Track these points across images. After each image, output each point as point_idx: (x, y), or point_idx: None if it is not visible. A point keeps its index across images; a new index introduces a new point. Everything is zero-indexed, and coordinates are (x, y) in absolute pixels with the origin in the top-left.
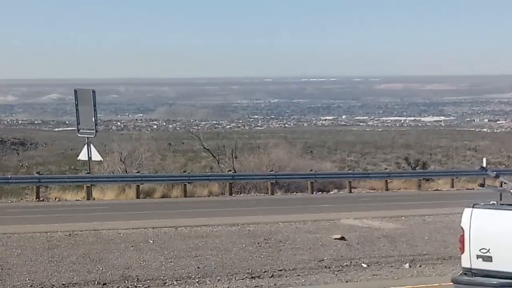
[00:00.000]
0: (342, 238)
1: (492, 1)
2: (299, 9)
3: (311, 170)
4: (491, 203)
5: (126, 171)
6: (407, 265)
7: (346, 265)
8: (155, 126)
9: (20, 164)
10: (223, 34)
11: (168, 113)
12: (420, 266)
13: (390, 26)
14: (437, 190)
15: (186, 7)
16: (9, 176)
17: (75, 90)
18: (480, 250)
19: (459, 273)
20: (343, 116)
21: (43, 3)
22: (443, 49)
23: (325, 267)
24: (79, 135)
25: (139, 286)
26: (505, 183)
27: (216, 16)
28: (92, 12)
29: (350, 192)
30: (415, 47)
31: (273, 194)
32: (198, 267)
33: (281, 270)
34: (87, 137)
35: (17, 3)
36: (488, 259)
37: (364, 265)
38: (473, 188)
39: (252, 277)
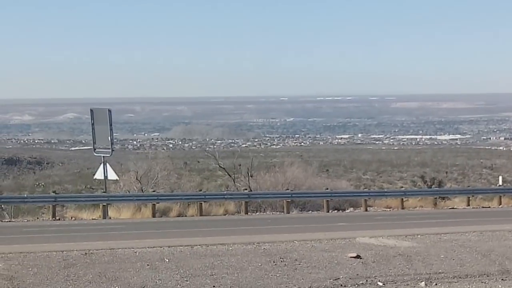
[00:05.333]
0: (358, 257)
1: (508, 19)
2: (315, 27)
3: (327, 189)
4: None
5: (142, 190)
6: (423, 284)
7: (362, 283)
8: (171, 145)
9: (37, 183)
10: (238, 53)
11: (184, 132)
12: (436, 284)
13: (406, 44)
14: (453, 208)
15: (202, 26)
16: (26, 195)
17: (91, 110)
18: None
19: None
20: (359, 135)
21: (60, 24)
22: (459, 67)
23: (341, 285)
24: (95, 154)
25: None
26: None
27: (232, 35)
28: (108, 32)
29: (366, 210)
30: (431, 65)
31: (288, 213)
32: (214, 286)
33: None
34: (103, 156)
35: (33, 23)
36: None
37: (380, 284)
38: (489, 207)
39: None
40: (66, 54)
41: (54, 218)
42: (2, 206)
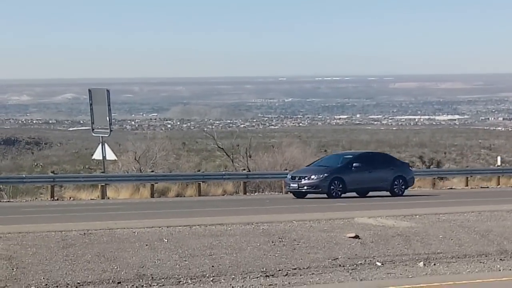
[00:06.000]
0: (356, 237)
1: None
2: (313, 7)
3: None
4: None
5: (141, 170)
6: (421, 264)
7: (360, 263)
8: (169, 126)
9: (35, 164)
10: (236, 33)
11: (183, 112)
12: (434, 264)
13: (404, 24)
14: (451, 188)
15: (200, 6)
16: (24, 176)
17: (89, 90)
18: None
19: None
20: (357, 115)
21: (57, 3)
22: (457, 48)
23: (339, 265)
24: (93, 134)
25: (154, 285)
26: None
27: (229, 15)
28: (106, 12)
29: None
30: (429, 45)
31: (287, 193)
32: (213, 266)
33: (295, 269)
34: (102, 137)
35: (32, 2)
36: None
37: (379, 264)
38: (488, 187)
39: (266, 276)
40: (64, 34)
41: (52, 198)
42: (1, 186)
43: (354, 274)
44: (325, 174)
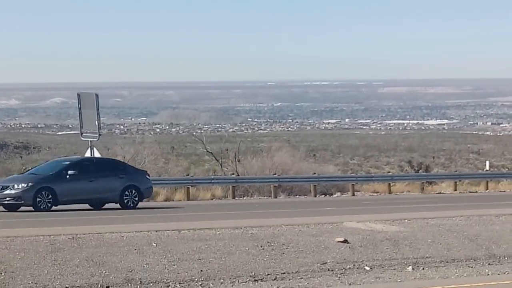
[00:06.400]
0: (345, 241)
1: (496, 4)
2: (302, 11)
3: (314, 173)
4: None
5: None
6: (410, 268)
7: (349, 268)
8: (158, 130)
9: (24, 168)
10: (225, 37)
11: (171, 116)
12: (423, 269)
13: (393, 29)
14: (440, 193)
15: (189, 10)
16: None
17: (78, 94)
18: None
19: None
20: (346, 120)
21: (46, 7)
22: (446, 53)
23: (328, 270)
24: (82, 138)
25: None
26: None
27: (218, 19)
28: (95, 15)
29: (353, 195)
30: (418, 50)
31: (276, 197)
32: (201, 270)
33: (284, 273)
34: (90, 141)
35: (20, 6)
36: None
37: (367, 268)
38: (476, 191)
39: (255, 280)
40: (53, 38)
41: None
42: None
43: (343, 278)
44: (30, 184)
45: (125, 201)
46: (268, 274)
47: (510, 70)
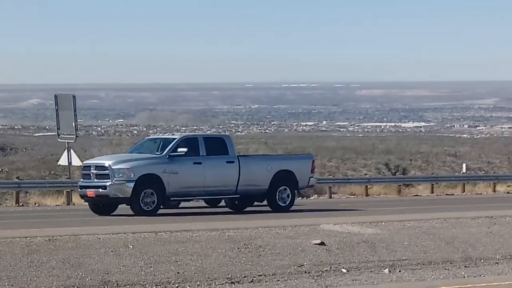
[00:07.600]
0: (322, 244)
1: (471, 8)
2: (279, 14)
3: None
4: None
5: None
6: (386, 270)
7: (326, 270)
8: (135, 132)
9: (0, 169)
10: (203, 39)
11: (149, 118)
12: (399, 271)
13: (370, 31)
14: (417, 195)
15: (167, 13)
16: None
17: (55, 95)
18: None
19: None
20: (324, 122)
21: (23, 8)
22: (423, 55)
23: (305, 272)
24: (59, 140)
25: None
26: None
27: (195, 22)
28: (72, 17)
29: (330, 197)
30: (395, 53)
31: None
32: (178, 272)
33: (260, 275)
34: (67, 142)
35: None
36: None
37: (344, 270)
38: (453, 194)
39: (231, 282)
40: (29, 39)
41: (17, 204)
42: None
43: (319, 281)
44: None
45: None
46: (245, 277)
47: (487, 73)
